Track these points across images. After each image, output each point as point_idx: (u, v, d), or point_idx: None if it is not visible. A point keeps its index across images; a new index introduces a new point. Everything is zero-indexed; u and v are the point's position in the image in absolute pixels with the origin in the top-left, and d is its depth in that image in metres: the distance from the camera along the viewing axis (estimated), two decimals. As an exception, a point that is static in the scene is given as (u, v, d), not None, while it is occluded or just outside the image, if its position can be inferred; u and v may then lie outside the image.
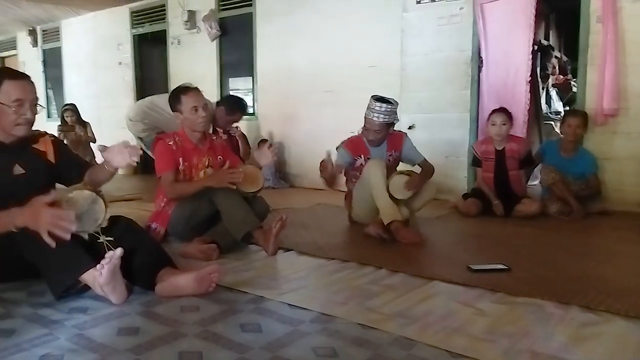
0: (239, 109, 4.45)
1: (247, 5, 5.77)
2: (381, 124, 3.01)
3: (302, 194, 4.96)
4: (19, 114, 1.96)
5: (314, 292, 1.94)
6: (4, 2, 6.86)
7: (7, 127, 1.98)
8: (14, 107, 1.94)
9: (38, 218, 1.69)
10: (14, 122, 1.97)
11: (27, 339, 1.51)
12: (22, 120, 1.98)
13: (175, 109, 2.77)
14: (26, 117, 1.99)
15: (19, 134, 2.02)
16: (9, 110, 1.94)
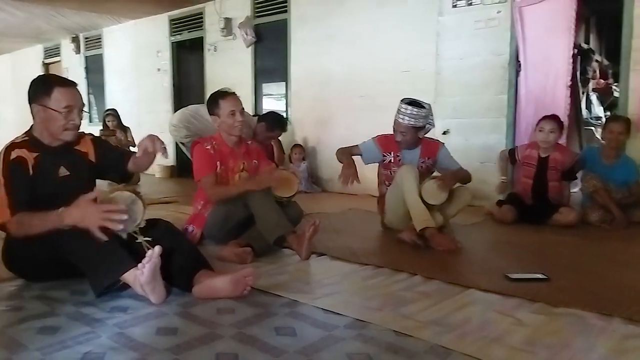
0: (279, 126, 4.55)
1: (282, 12, 5.84)
2: (406, 126, 2.99)
3: (335, 198, 4.96)
4: (68, 119, 2.05)
5: (347, 298, 1.93)
6: (49, 10, 7.15)
7: (56, 132, 2.07)
8: (64, 113, 2.03)
9: (88, 214, 1.77)
10: (63, 127, 2.05)
11: (71, 336, 1.57)
12: (70, 125, 2.07)
13: (213, 112, 2.83)
14: (74, 123, 2.08)
15: (67, 139, 2.11)
16: (59, 116, 2.03)
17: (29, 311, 1.78)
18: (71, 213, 1.81)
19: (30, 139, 2.10)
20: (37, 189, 2.02)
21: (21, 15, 7.35)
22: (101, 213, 1.79)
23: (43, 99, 2.04)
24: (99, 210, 1.80)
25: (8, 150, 2.02)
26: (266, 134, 4.49)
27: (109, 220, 1.78)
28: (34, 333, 1.59)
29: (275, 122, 4.54)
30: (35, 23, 7.92)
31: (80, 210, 1.81)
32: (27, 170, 2.02)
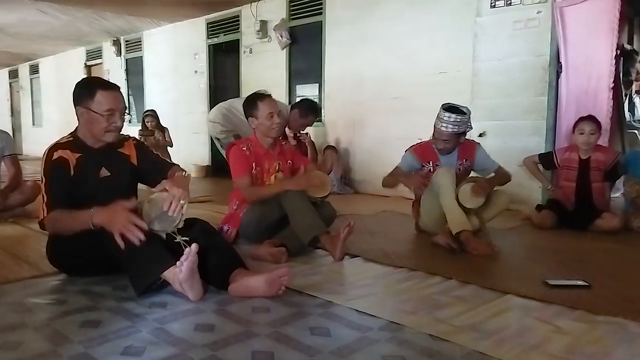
0: (312, 112, 4.57)
1: (317, 14, 5.86)
2: (449, 134, 2.95)
3: (367, 200, 4.95)
4: (110, 122, 2.11)
5: (381, 300, 1.93)
6: (92, 14, 7.40)
7: (99, 134, 2.14)
8: (106, 116, 2.10)
9: (114, 219, 1.83)
10: (105, 129, 2.12)
11: (112, 330, 1.62)
12: (112, 127, 2.13)
13: (251, 114, 2.86)
14: (116, 125, 2.14)
15: (109, 140, 2.18)
16: (101, 119, 2.10)
17: (72, 305, 1.85)
18: (100, 215, 1.87)
19: (74, 140, 2.18)
20: (79, 188, 2.09)
21: (64, 19, 7.62)
22: (125, 222, 1.82)
23: (87, 101, 2.11)
24: (124, 218, 1.82)
25: (51, 151, 2.10)
26: (299, 121, 4.52)
27: (129, 231, 1.80)
28: (77, 326, 1.65)
29: (308, 109, 4.56)
30: (78, 26, 8.20)
31: (110, 214, 1.86)
32: (68, 171, 2.09)
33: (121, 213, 1.84)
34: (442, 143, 3.02)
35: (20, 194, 3.68)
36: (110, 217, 1.85)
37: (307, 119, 4.55)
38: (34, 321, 1.69)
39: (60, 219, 1.97)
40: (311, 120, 4.61)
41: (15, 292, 1.99)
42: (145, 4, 6.77)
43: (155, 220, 1.92)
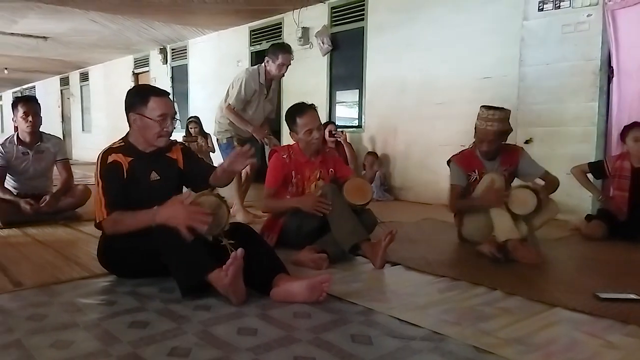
0: (279, 50, 3.93)
1: (359, 20, 5.87)
2: (495, 132, 2.87)
3: (407, 207, 4.90)
4: (162, 127, 2.19)
5: (423, 309, 1.90)
6: (140, 23, 7.67)
7: (151, 139, 2.22)
8: (159, 121, 2.17)
9: (178, 214, 1.91)
10: (158, 134, 2.20)
11: (159, 331, 1.66)
12: (164, 132, 2.21)
13: (290, 128, 2.90)
14: (167, 130, 2.22)
15: (161, 145, 2.26)
16: (155, 124, 2.18)
17: (121, 306, 1.91)
18: (162, 212, 1.95)
19: (125, 145, 2.27)
20: (130, 191, 2.17)
21: (114, 28, 7.94)
22: (189, 214, 1.91)
23: (140, 108, 2.20)
24: (187, 211, 1.92)
25: (105, 155, 2.20)
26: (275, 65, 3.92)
27: (195, 221, 1.89)
28: (126, 327, 1.70)
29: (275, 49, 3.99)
30: (127, 35, 8.52)
31: (171, 210, 1.94)
32: (122, 174, 2.18)
33: (181, 207, 1.93)
34: (487, 145, 2.93)
35: (71, 198, 3.84)
36: (173, 212, 1.93)
37: (279, 59, 3.90)
38: (85, 321, 1.75)
39: (122, 219, 2.05)
40: (285, 58, 3.93)
41: (67, 293, 2.07)
42: (192, 14, 6.96)
43: None
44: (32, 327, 1.68)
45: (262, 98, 4.01)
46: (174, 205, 1.96)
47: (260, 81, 3.93)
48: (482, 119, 2.91)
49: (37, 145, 3.74)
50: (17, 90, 17.47)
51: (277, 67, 3.88)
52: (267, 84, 4.02)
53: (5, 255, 2.71)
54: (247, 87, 3.85)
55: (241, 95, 3.87)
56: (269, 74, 3.94)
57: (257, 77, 3.91)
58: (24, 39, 8.51)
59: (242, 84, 3.85)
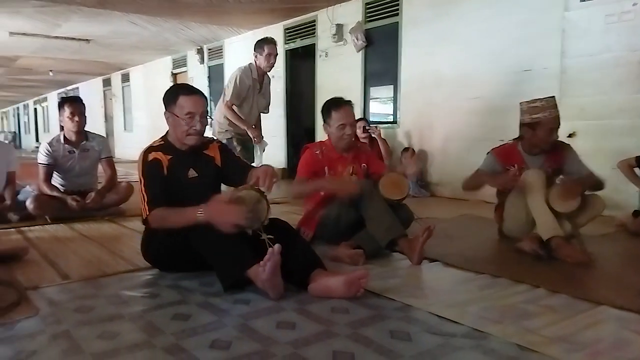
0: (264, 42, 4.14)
1: (393, 15, 5.82)
2: (556, 118, 2.76)
3: (444, 203, 4.83)
4: (190, 125, 2.23)
5: (463, 306, 1.87)
6: (178, 24, 7.83)
7: (180, 136, 2.27)
8: (186, 119, 2.22)
9: (219, 212, 1.95)
10: (185, 132, 2.25)
11: (200, 324, 1.70)
12: (192, 131, 2.25)
13: (324, 120, 2.91)
14: (196, 129, 2.25)
15: (190, 143, 2.29)
16: (182, 122, 2.22)
17: (164, 299, 1.97)
18: (205, 209, 1.99)
19: (165, 143, 2.33)
20: (170, 188, 2.22)
21: (153, 29, 8.13)
22: (229, 212, 1.95)
23: (171, 106, 2.27)
24: (227, 209, 1.96)
25: (146, 153, 2.26)
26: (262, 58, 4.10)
27: (234, 219, 1.93)
28: (169, 319, 1.74)
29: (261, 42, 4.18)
30: (165, 36, 8.71)
31: (213, 208, 1.98)
32: (162, 171, 2.24)
33: (223, 205, 1.98)
34: (548, 134, 2.78)
35: (115, 194, 3.96)
36: (215, 210, 1.97)
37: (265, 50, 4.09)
38: (130, 313, 1.81)
39: (167, 216, 2.10)
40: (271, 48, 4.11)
41: (112, 285, 2.14)
42: (228, 14, 7.06)
43: None
44: (79, 319, 1.74)
45: (255, 93, 4.22)
46: (216, 204, 2.00)
47: (253, 76, 4.16)
48: (538, 108, 2.77)
49: (82, 144, 3.88)
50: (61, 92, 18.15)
51: (265, 59, 4.10)
52: (260, 79, 4.25)
53: (53, 249, 2.82)
54: (241, 83, 4.07)
55: (237, 92, 4.07)
56: (259, 68, 4.17)
57: (250, 73, 4.14)
58: (67, 41, 8.82)
59: (236, 80, 4.07)
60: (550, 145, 2.86)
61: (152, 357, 1.45)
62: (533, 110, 2.79)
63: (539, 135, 2.80)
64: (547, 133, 2.79)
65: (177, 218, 2.06)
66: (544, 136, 2.80)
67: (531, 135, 2.83)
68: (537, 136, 2.81)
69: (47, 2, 6.33)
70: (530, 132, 2.83)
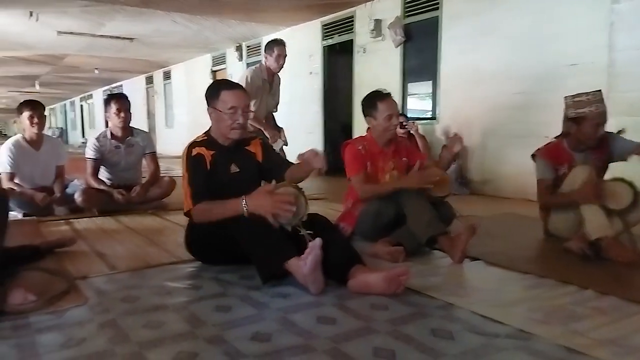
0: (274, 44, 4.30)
1: (433, 9, 5.72)
2: (603, 113, 2.65)
3: (485, 201, 4.73)
4: (233, 119, 2.26)
5: (508, 306, 1.82)
6: (218, 22, 7.95)
7: (225, 131, 2.30)
8: (229, 113, 2.25)
9: (263, 203, 1.98)
10: (229, 126, 2.28)
11: (241, 316, 1.72)
12: (236, 125, 2.28)
13: (369, 114, 2.87)
14: (239, 122, 2.28)
15: (234, 137, 2.33)
16: (225, 117, 2.26)
17: (205, 291, 2.01)
18: (250, 201, 2.02)
19: (208, 139, 2.37)
20: (212, 182, 2.26)
21: (194, 28, 8.29)
22: (275, 202, 1.97)
23: (214, 101, 2.31)
24: (273, 200, 1.98)
25: (190, 148, 2.31)
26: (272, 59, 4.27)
27: (280, 209, 1.96)
28: (211, 310, 1.78)
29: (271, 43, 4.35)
30: (206, 34, 8.86)
31: (258, 199, 2.01)
32: (205, 166, 2.28)
33: (267, 196, 2.01)
34: (595, 129, 2.68)
35: (158, 188, 4.07)
36: (259, 202, 2.01)
37: (275, 52, 4.25)
38: (173, 303, 1.86)
39: (211, 208, 2.15)
40: (281, 49, 4.29)
41: (157, 276, 2.20)
42: (266, 11, 7.12)
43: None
44: (126, 308, 1.80)
45: (265, 93, 4.30)
46: (261, 195, 2.03)
47: (262, 77, 4.26)
48: (587, 103, 2.66)
49: (127, 140, 4.00)
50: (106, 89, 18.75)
51: (275, 60, 4.24)
52: (270, 79, 4.36)
53: (100, 241, 2.92)
54: (252, 82, 4.15)
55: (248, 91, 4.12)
56: (269, 69, 4.29)
57: (260, 74, 4.23)
58: (112, 40, 9.10)
59: (247, 79, 4.17)
60: (596, 141, 2.75)
61: (195, 347, 1.48)
62: (578, 105, 2.69)
63: (584, 130, 2.70)
64: (592, 128, 2.68)
65: (221, 209, 2.10)
66: (589, 131, 2.69)
67: (576, 130, 2.74)
68: (582, 131, 2.71)
69: (91, 2, 6.55)
70: (575, 127, 2.73)
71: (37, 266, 2.27)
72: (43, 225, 3.41)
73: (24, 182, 3.79)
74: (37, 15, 7.05)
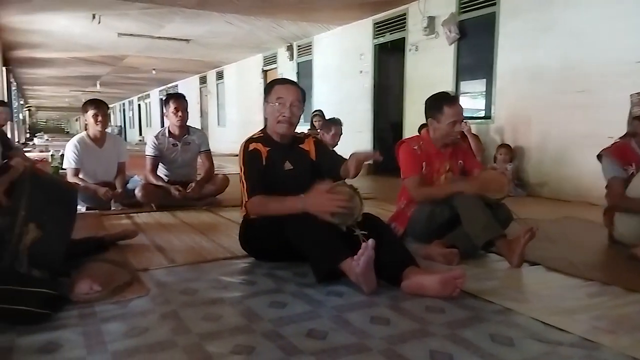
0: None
1: (490, 5, 5.56)
2: None
3: (543, 204, 4.55)
4: (281, 112, 2.29)
5: (571, 314, 1.74)
6: (271, 23, 8.07)
7: (273, 124, 2.35)
8: (277, 105, 2.28)
9: (320, 201, 1.99)
10: (276, 118, 2.31)
11: (296, 313, 1.74)
12: (282, 117, 2.31)
13: (433, 115, 2.78)
14: (285, 115, 2.30)
15: (280, 132, 2.35)
16: (273, 108, 2.31)
17: (260, 286, 2.04)
18: (306, 199, 2.04)
19: (264, 135, 2.41)
20: (268, 178, 2.30)
21: (247, 28, 8.45)
22: (332, 201, 1.98)
23: (267, 96, 2.37)
24: (329, 198, 1.99)
25: (247, 144, 2.36)
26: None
27: (336, 207, 1.96)
28: (266, 306, 1.80)
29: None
30: (258, 35, 9.02)
31: (315, 198, 2.02)
32: (261, 161, 2.32)
33: (323, 195, 2.01)
34: None
35: (212, 185, 4.18)
36: (315, 200, 2.02)
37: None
38: (230, 298, 1.90)
39: (267, 203, 2.18)
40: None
41: (213, 271, 2.26)
42: (318, 10, 7.15)
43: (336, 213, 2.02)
44: (185, 300, 1.86)
45: None
46: (318, 194, 2.03)
47: None
48: None
49: (184, 138, 4.13)
50: (162, 89, 19.44)
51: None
52: None
53: (159, 234, 3.03)
54: None
55: None
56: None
57: None
58: (169, 42, 9.42)
59: None
60: None
61: (252, 341, 1.50)
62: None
63: None
64: None
65: (278, 205, 2.13)
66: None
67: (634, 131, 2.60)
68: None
69: (151, 5, 6.80)
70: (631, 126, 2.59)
71: (101, 258, 2.38)
72: (105, 219, 3.58)
73: (87, 178, 3.98)
74: (99, 18, 7.40)
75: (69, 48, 10.10)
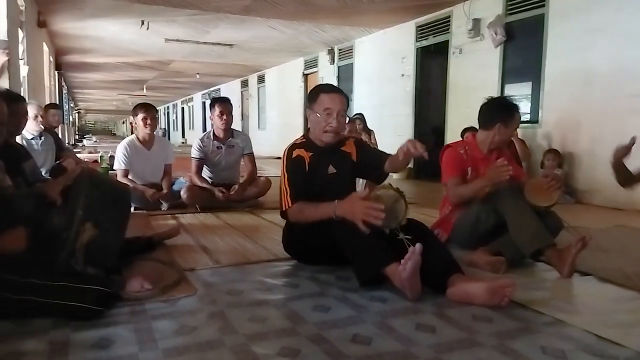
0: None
1: (538, 7, 5.41)
2: None
3: (593, 212, 4.38)
4: (327, 122, 2.29)
5: (627, 327, 1.67)
6: (313, 27, 8.13)
7: (318, 133, 2.35)
8: (323, 116, 2.28)
9: (354, 209, 1.96)
10: (322, 129, 2.31)
11: (340, 317, 1.74)
12: (329, 128, 2.31)
13: (502, 120, 2.72)
14: (332, 126, 2.30)
15: (326, 141, 2.35)
16: (319, 119, 2.30)
17: (303, 289, 2.05)
18: (342, 206, 2.03)
19: (306, 141, 2.42)
20: (311, 184, 2.31)
21: (289, 33, 8.54)
22: (365, 209, 1.94)
23: (312, 104, 2.36)
24: (363, 206, 1.95)
25: (290, 150, 2.38)
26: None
27: (369, 215, 1.92)
28: (309, 309, 1.81)
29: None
30: (300, 39, 9.10)
31: (349, 204, 2.01)
32: (305, 167, 2.34)
33: (359, 202, 1.98)
34: None
35: (255, 188, 4.25)
36: (350, 207, 2.00)
37: None
38: (274, 300, 1.92)
39: (304, 209, 2.20)
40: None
41: (256, 272, 2.28)
42: (360, 14, 7.15)
43: None
44: (231, 301, 1.89)
45: None
46: (351, 200, 2.01)
47: None
48: None
49: (228, 141, 4.21)
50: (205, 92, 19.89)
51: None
52: None
53: (204, 235, 3.10)
54: None
55: None
56: None
57: None
58: (213, 47, 9.64)
59: None
60: None
61: (297, 344, 1.51)
62: None
63: None
64: None
65: (313, 212, 2.14)
66: None
67: None
68: None
69: (198, 11, 6.97)
70: None
71: (150, 257, 2.46)
72: (152, 219, 3.69)
73: (136, 178, 4.11)
74: (147, 24, 7.66)
75: (118, 53, 10.48)
